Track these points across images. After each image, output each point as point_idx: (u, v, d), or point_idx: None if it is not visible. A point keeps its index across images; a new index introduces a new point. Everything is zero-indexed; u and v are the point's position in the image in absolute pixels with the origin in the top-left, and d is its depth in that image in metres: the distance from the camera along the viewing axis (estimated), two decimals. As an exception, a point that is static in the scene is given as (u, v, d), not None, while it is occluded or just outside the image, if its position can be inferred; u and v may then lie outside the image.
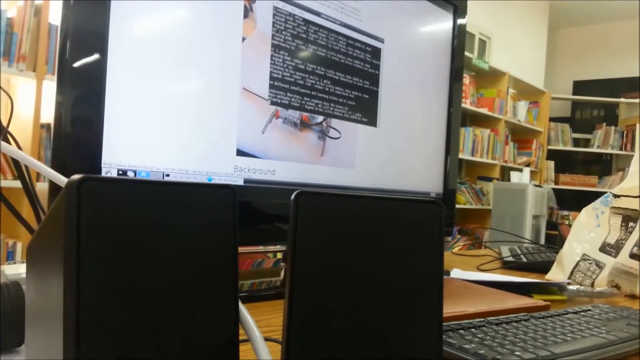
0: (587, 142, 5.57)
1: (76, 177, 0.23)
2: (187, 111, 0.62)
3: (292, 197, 0.28)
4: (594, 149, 5.41)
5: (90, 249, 0.23)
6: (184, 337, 0.25)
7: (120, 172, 0.57)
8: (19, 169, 0.53)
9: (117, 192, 0.24)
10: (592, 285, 0.90)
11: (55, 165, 0.52)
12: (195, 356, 0.26)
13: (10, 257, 2.12)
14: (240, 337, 0.28)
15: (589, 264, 0.93)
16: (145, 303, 0.24)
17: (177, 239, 0.26)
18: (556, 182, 5.33)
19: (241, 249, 0.91)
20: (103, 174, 0.55)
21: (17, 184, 0.55)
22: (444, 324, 0.52)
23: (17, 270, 0.52)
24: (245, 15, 0.67)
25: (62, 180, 0.34)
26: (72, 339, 0.22)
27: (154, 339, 0.24)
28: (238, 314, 0.27)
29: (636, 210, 0.93)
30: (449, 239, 3.70)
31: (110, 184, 0.23)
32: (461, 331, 0.51)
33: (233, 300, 0.27)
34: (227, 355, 0.27)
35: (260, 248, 1.05)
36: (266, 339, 0.30)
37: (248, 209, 0.69)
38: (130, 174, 0.57)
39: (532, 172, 4.79)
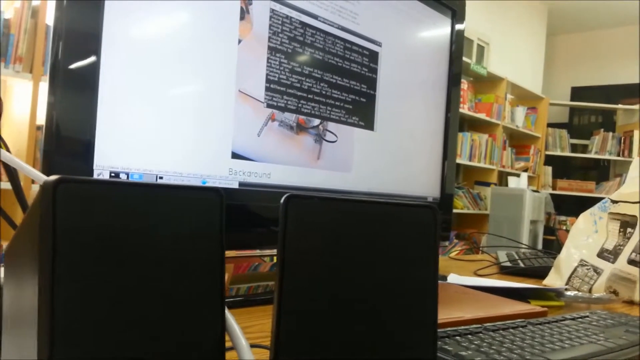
0: (584, 148, 5.57)
1: (52, 177, 0.22)
2: (181, 113, 0.61)
3: (282, 200, 0.27)
4: (592, 155, 5.41)
5: (66, 251, 0.22)
6: (166, 344, 0.24)
7: (113, 175, 0.56)
8: (8, 170, 0.52)
9: (96, 193, 0.23)
10: (590, 291, 0.90)
11: (46, 168, 0.51)
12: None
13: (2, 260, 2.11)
14: (227, 345, 0.27)
15: (587, 269, 0.92)
16: (124, 307, 0.24)
17: (160, 242, 0.25)
18: (554, 188, 5.33)
19: (237, 253, 0.91)
20: (95, 176, 0.54)
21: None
22: (440, 330, 0.51)
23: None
24: (242, 17, 0.67)
25: (42, 178, 0.33)
26: (46, 339, 0.21)
27: (132, 345, 0.24)
28: (224, 320, 0.26)
29: (634, 216, 0.92)
30: (447, 243, 3.70)
31: (89, 185, 0.23)
32: (457, 338, 0.51)
33: (219, 305, 0.26)
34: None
35: (257, 252, 1.04)
36: (254, 346, 0.30)
37: (244, 212, 0.69)
38: (123, 176, 0.57)
39: (529, 178, 4.80)
